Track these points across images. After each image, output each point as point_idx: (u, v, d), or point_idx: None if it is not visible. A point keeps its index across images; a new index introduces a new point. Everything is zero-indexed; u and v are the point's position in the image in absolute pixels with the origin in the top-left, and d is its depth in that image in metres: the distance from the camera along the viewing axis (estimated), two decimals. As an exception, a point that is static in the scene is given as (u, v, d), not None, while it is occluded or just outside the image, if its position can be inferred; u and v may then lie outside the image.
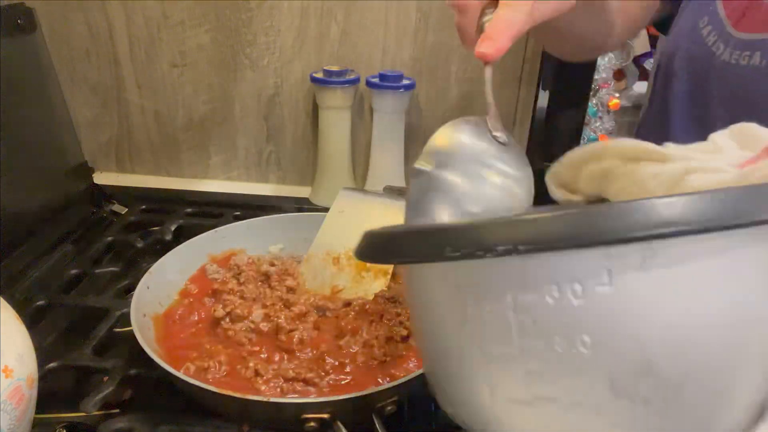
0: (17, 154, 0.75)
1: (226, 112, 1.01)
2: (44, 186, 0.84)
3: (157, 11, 0.93)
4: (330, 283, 0.69)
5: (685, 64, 0.57)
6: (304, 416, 0.47)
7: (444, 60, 0.95)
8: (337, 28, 0.93)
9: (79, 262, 0.76)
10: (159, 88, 0.99)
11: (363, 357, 0.56)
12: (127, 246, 0.81)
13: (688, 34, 0.58)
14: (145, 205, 0.93)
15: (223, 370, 0.54)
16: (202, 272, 0.70)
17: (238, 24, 0.94)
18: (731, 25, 0.53)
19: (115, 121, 1.03)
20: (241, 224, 0.76)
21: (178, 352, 0.58)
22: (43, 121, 0.84)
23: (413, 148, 1.02)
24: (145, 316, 0.59)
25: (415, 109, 0.99)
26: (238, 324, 0.60)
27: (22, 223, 0.76)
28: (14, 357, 0.41)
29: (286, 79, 0.98)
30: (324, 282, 0.69)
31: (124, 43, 0.96)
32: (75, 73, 0.97)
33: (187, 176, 1.07)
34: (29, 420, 0.44)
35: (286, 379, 0.53)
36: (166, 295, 0.65)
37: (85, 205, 0.91)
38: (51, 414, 0.50)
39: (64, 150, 0.90)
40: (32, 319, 0.64)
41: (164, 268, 0.65)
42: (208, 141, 1.04)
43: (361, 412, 0.49)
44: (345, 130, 0.95)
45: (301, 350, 0.57)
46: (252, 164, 1.06)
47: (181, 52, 0.96)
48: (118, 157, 1.06)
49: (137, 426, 0.50)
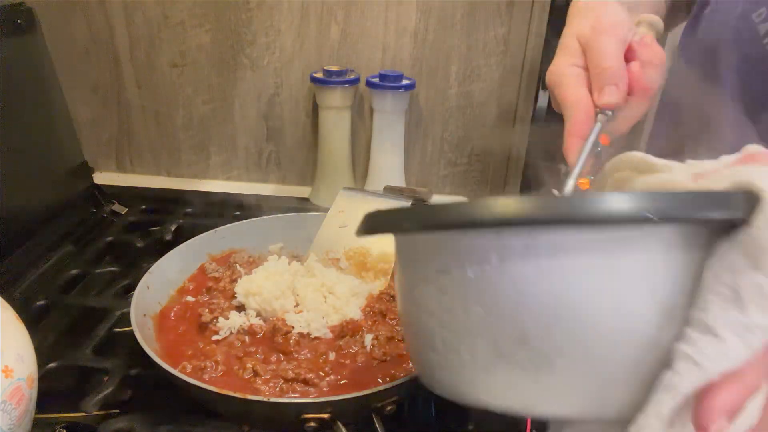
0: (17, 154, 0.74)
1: (226, 112, 1.01)
2: (44, 186, 0.84)
3: (157, 11, 0.93)
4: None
5: (735, 59, 0.48)
6: (304, 416, 0.47)
7: (444, 60, 0.95)
8: (337, 28, 0.93)
9: (79, 262, 0.76)
10: (159, 88, 0.99)
11: (363, 357, 0.56)
12: (127, 246, 0.81)
13: (737, 26, 0.48)
14: (145, 205, 0.93)
15: (220, 369, 0.54)
16: (201, 272, 0.70)
17: (238, 24, 0.94)
18: None
19: (115, 121, 1.03)
20: (241, 224, 0.76)
21: (175, 350, 0.58)
22: (43, 121, 0.84)
23: (413, 148, 1.02)
24: (145, 316, 0.59)
25: (415, 109, 0.99)
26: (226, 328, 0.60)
27: (22, 223, 0.76)
28: (14, 357, 0.41)
29: (286, 79, 0.98)
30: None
31: (124, 43, 0.96)
32: (75, 73, 0.97)
33: (187, 176, 1.07)
34: (29, 420, 0.44)
35: (286, 380, 0.53)
36: (166, 295, 0.65)
37: (85, 205, 0.91)
38: (51, 414, 0.50)
39: (64, 150, 0.90)
40: (32, 319, 0.64)
41: (164, 268, 0.65)
42: (208, 141, 1.04)
43: (361, 412, 0.49)
44: (345, 130, 0.95)
45: (298, 351, 0.57)
46: (252, 164, 1.06)
47: (181, 52, 0.96)
48: (118, 157, 1.06)
49: (137, 426, 0.50)
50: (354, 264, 0.69)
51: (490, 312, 0.29)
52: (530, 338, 0.28)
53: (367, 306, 0.63)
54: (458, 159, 1.04)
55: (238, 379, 0.53)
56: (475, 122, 1.00)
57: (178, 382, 0.49)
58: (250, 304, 0.62)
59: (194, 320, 0.62)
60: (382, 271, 0.68)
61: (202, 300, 0.65)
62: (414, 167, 1.04)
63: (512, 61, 0.94)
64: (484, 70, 0.95)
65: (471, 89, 0.97)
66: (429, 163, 1.04)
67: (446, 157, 1.04)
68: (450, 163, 1.04)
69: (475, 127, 1.01)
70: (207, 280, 0.69)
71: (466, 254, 0.29)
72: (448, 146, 1.03)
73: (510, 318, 0.28)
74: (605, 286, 0.27)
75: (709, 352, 0.25)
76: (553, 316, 0.28)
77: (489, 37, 0.92)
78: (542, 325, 0.28)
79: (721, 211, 0.25)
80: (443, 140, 1.02)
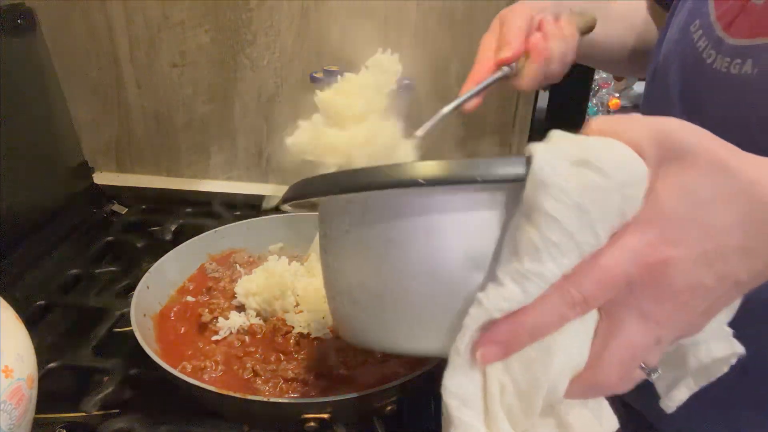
0: (17, 154, 0.74)
1: (226, 112, 1.01)
2: (44, 186, 0.84)
3: (157, 11, 0.93)
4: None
5: (678, 72, 0.53)
6: (304, 416, 0.47)
7: (444, 60, 0.95)
8: (337, 28, 0.93)
9: (79, 262, 0.76)
10: (159, 88, 0.99)
11: (363, 357, 0.56)
12: (127, 246, 0.81)
13: (679, 39, 0.54)
14: (145, 205, 0.93)
15: (220, 369, 0.54)
16: (201, 272, 0.70)
17: (238, 24, 0.94)
18: (722, 29, 0.49)
19: (115, 121, 1.03)
20: (241, 224, 0.76)
21: (175, 350, 0.58)
22: (43, 121, 0.84)
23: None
24: (145, 316, 0.59)
25: (415, 109, 0.99)
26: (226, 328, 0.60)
27: (22, 223, 0.76)
28: (14, 357, 0.41)
29: (286, 79, 0.98)
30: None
31: (124, 43, 0.96)
32: (75, 73, 0.97)
33: (187, 176, 1.07)
34: (29, 420, 0.44)
35: (286, 380, 0.53)
36: (166, 295, 0.65)
37: (85, 205, 0.91)
38: (51, 414, 0.50)
39: (64, 150, 0.90)
40: (32, 319, 0.64)
41: (164, 268, 0.65)
42: (208, 141, 1.04)
43: (361, 412, 0.49)
44: (345, 130, 0.95)
45: (298, 351, 0.57)
46: (252, 164, 1.06)
47: (181, 52, 0.96)
48: (118, 157, 1.06)
49: (137, 426, 0.50)
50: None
51: (341, 265, 0.37)
52: (367, 285, 0.35)
53: None
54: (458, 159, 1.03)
55: (238, 379, 0.54)
56: (475, 123, 1.00)
57: (178, 382, 0.49)
58: (249, 304, 0.62)
59: (194, 320, 0.62)
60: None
61: (202, 300, 0.65)
62: (414, 167, 1.04)
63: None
64: (484, 70, 0.95)
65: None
66: (429, 163, 1.04)
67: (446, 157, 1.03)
68: (450, 163, 1.04)
69: (475, 128, 1.00)
70: (207, 280, 0.69)
71: (337, 217, 0.36)
72: (448, 146, 1.03)
73: (353, 269, 0.36)
74: (422, 239, 0.32)
75: (492, 295, 0.29)
76: (383, 264, 0.34)
77: (489, 37, 0.92)
78: (375, 272, 0.34)
79: (501, 173, 0.29)
80: (443, 140, 1.02)
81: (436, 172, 0.31)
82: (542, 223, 0.28)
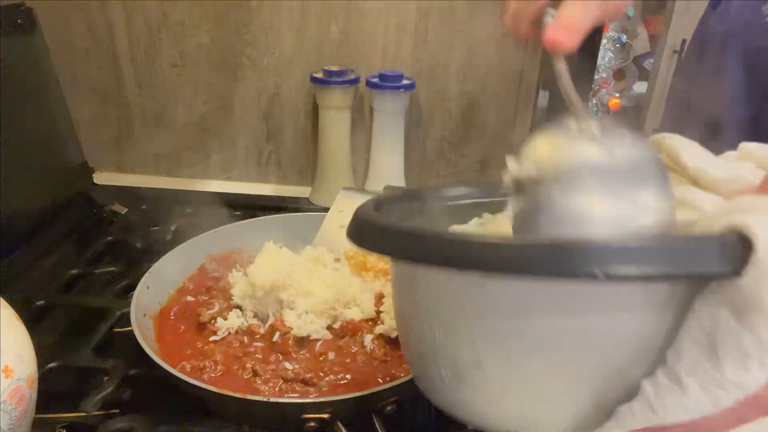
0: (17, 154, 0.74)
1: (226, 112, 1.01)
2: (44, 186, 0.84)
3: (157, 11, 0.93)
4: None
5: (741, 48, 0.52)
6: (304, 416, 0.47)
7: (444, 60, 0.95)
8: (337, 28, 0.93)
9: (79, 262, 0.76)
10: (159, 88, 0.99)
11: (363, 357, 0.56)
12: (127, 246, 0.81)
13: (746, 18, 0.53)
14: (145, 205, 0.93)
15: (219, 369, 0.54)
16: (201, 272, 0.70)
17: (238, 24, 0.94)
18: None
19: (115, 121, 1.03)
20: (241, 224, 0.76)
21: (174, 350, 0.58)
22: (43, 121, 0.83)
23: (413, 148, 1.02)
24: (145, 316, 0.59)
25: (415, 109, 0.99)
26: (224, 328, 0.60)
27: (22, 223, 0.76)
28: (14, 357, 0.41)
29: (286, 79, 0.98)
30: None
31: (124, 43, 0.96)
32: (75, 73, 0.97)
33: (187, 176, 1.07)
34: (29, 420, 0.44)
35: (286, 380, 0.53)
36: (166, 295, 0.65)
37: (85, 205, 0.91)
38: (51, 414, 0.50)
39: (64, 150, 0.90)
40: (32, 319, 0.64)
41: (164, 268, 0.65)
42: (208, 141, 1.04)
43: (361, 412, 0.49)
44: (345, 130, 0.95)
45: (297, 352, 0.57)
46: (252, 164, 1.06)
47: (181, 52, 0.96)
48: (118, 157, 1.06)
49: (137, 426, 0.50)
50: (354, 264, 0.69)
51: (455, 342, 0.31)
52: (484, 365, 0.30)
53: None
54: (458, 159, 1.04)
55: (238, 379, 0.54)
56: (475, 122, 1.00)
57: (178, 382, 0.49)
58: (246, 306, 0.62)
59: (194, 320, 0.62)
60: (383, 271, 0.68)
61: (202, 300, 0.65)
62: (414, 167, 1.04)
63: (512, 61, 0.94)
64: (484, 70, 0.95)
65: (471, 89, 0.97)
66: (429, 163, 1.04)
67: (446, 157, 1.04)
68: (450, 163, 1.04)
69: (475, 127, 1.01)
70: (207, 280, 0.69)
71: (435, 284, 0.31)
72: (448, 146, 1.03)
73: (468, 343, 0.30)
74: (573, 330, 0.27)
75: (669, 400, 0.24)
76: (513, 350, 0.28)
77: (489, 37, 0.92)
78: (499, 354, 0.29)
79: (712, 267, 0.22)
80: (443, 140, 1.02)
81: (625, 262, 0.22)
82: (763, 324, 0.22)
